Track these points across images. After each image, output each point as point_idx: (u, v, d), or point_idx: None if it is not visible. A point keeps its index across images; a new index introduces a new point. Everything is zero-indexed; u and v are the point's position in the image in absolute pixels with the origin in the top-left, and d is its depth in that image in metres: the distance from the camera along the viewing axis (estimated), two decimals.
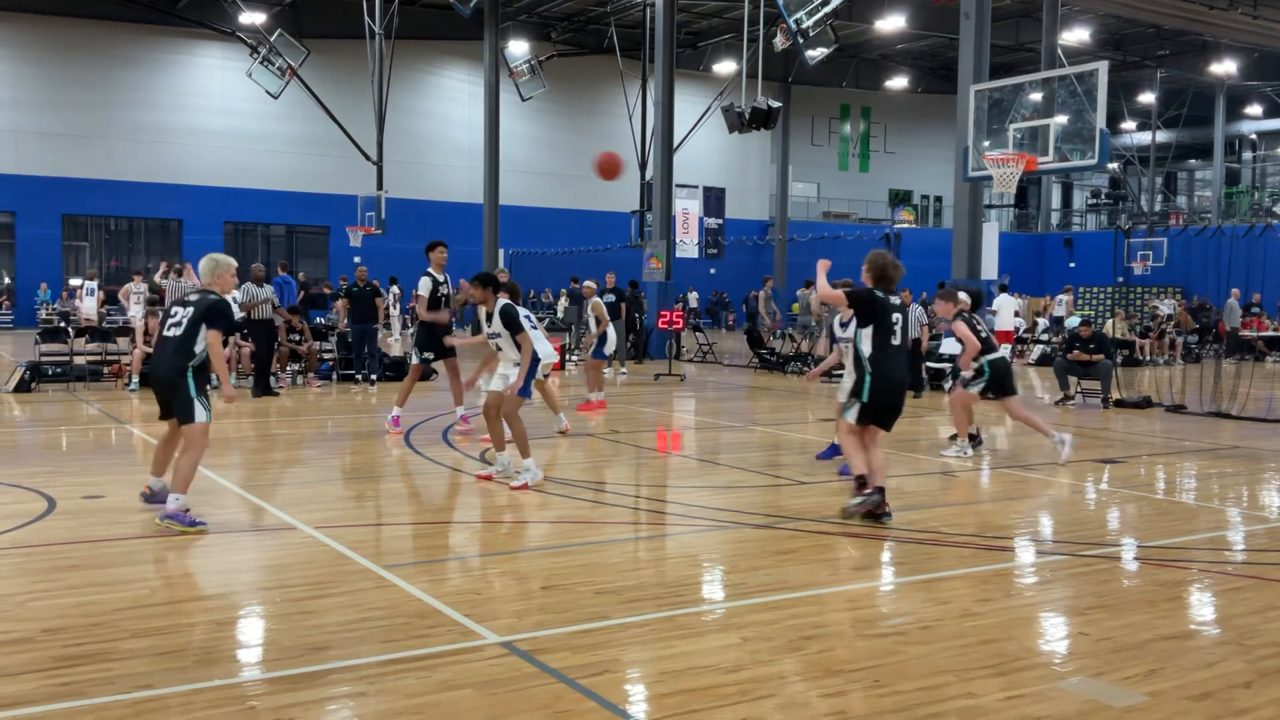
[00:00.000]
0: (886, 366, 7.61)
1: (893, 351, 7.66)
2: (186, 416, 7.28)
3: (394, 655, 4.80)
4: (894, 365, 7.66)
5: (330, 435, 12.67)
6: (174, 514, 7.16)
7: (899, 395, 7.76)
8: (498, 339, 9.20)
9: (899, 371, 7.70)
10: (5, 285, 36.22)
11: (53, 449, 11.27)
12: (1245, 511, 8.75)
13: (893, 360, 7.65)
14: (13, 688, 4.36)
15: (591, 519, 7.96)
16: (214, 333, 7.28)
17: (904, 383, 7.80)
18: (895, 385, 7.68)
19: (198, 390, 7.29)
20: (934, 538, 7.28)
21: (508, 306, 9.08)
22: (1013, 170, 16.17)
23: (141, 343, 16.23)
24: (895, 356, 7.68)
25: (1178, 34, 39.21)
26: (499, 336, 9.17)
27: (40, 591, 5.72)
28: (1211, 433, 13.44)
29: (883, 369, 7.59)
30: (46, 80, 35.64)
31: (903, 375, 7.76)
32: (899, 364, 7.72)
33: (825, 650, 4.97)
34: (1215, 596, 6.08)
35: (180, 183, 37.39)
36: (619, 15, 37.83)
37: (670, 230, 25.92)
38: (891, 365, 7.64)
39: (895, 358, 7.69)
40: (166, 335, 7.39)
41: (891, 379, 7.63)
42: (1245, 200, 50.64)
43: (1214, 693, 4.51)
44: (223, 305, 7.50)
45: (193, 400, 7.25)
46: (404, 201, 36.33)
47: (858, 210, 50.47)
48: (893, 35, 42.01)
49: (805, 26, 23.17)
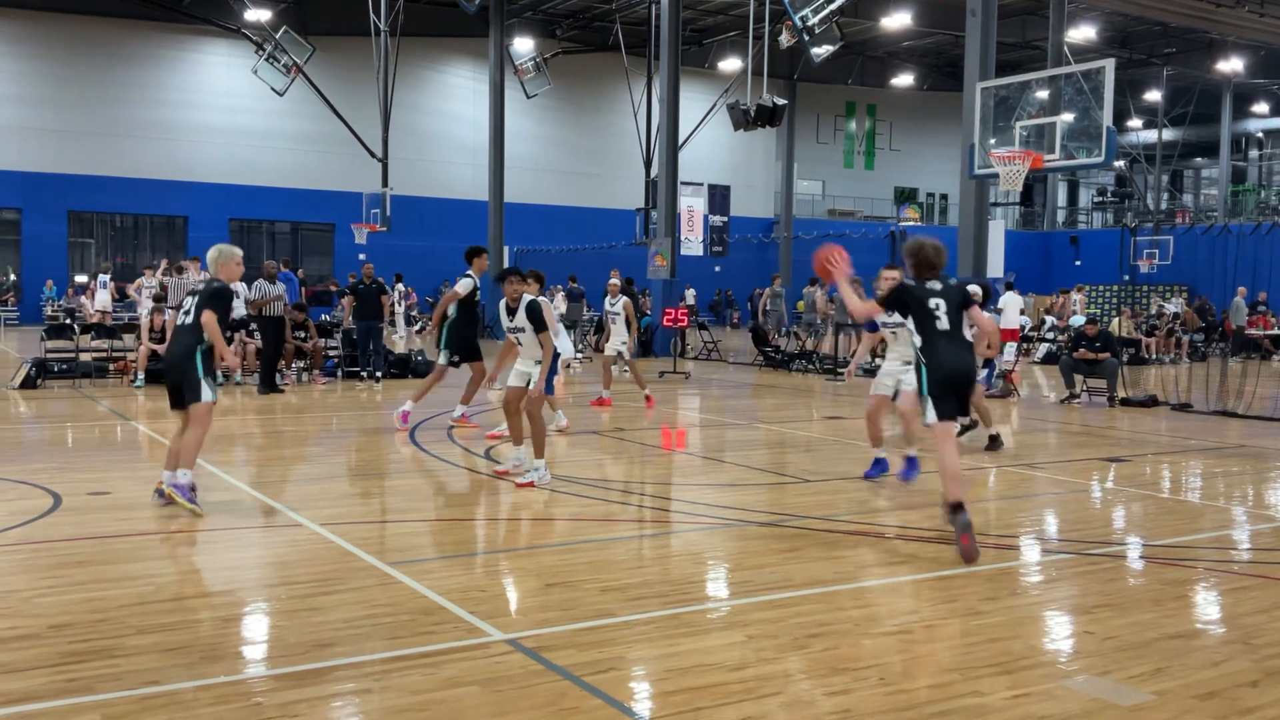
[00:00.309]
0: (937, 356, 7.03)
1: (939, 338, 7.04)
2: (194, 395, 7.73)
3: (399, 652, 4.81)
4: (944, 352, 7.03)
5: (335, 432, 12.68)
6: (181, 487, 7.65)
7: (957, 382, 7.05)
8: (520, 333, 9.17)
9: (951, 357, 7.02)
10: (11, 282, 36.27)
11: (58, 445, 11.29)
12: (1251, 510, 8.73)
13: (941, 347, 7.03)
14: (20, 683, 4.36)
15: (596, 516, 7.96)
16: (208, 313, 7.70)
17: (961, 368, 7.05)
18: (949, 373, 7.00)
19: (205, 371, 7.76)
20: (940, 536, 7.27)
21: (534, 303, 9.07)
22: (1019, 168, 16.13)
23: (147, 339, 16.25)
24: (943, 342, 7.04)
25: (1184, 32, 39.10)
26: (521, 331, 9.14)
27: (46, 588, 5.73)
28: (1217, 431, 13.42)
29: (935, 359, 7.03)
30: (52, 77, 35.68)
31: (956, 360, 7.03)
32: (950, 350, 7.04)
33: (830, 648, 4.97)
34: (1221, 595, 6.07)
35: (186, 179, 37.42)
36: (624, 12, 37.78)
37: (675, 228, 25.90)
38: (942, 352, 7.02)
39: (944, 344, 7.04)
40: (178, 324, 7.91)
41: (945, 367, 7.00)
42: (1251, 198, 50.52)
43: (1220, 692, 4.50)
44: (224, 291, 7.97)
45: (200, 380, 7.73)
46: (409, 199, 36.33)
47: (863, 208, 50.40)
48: (898, 32, 41.93)
49: (811, 24, 23.12)
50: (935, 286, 7.16)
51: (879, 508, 8.27)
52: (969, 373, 7.16)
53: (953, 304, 7.10)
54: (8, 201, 35.82)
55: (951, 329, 7.07)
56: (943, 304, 7.09)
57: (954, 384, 7.06)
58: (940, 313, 7.07)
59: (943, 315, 7.07)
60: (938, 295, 7.12)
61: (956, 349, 7.08)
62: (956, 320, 7.08)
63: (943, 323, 7.06)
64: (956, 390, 7.07)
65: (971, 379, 7.24)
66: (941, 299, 7.10)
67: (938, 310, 7.07)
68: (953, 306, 7.09)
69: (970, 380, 7.22)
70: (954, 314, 7.08)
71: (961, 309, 7.11)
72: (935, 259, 7.24)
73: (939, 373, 7.03)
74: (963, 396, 7.16)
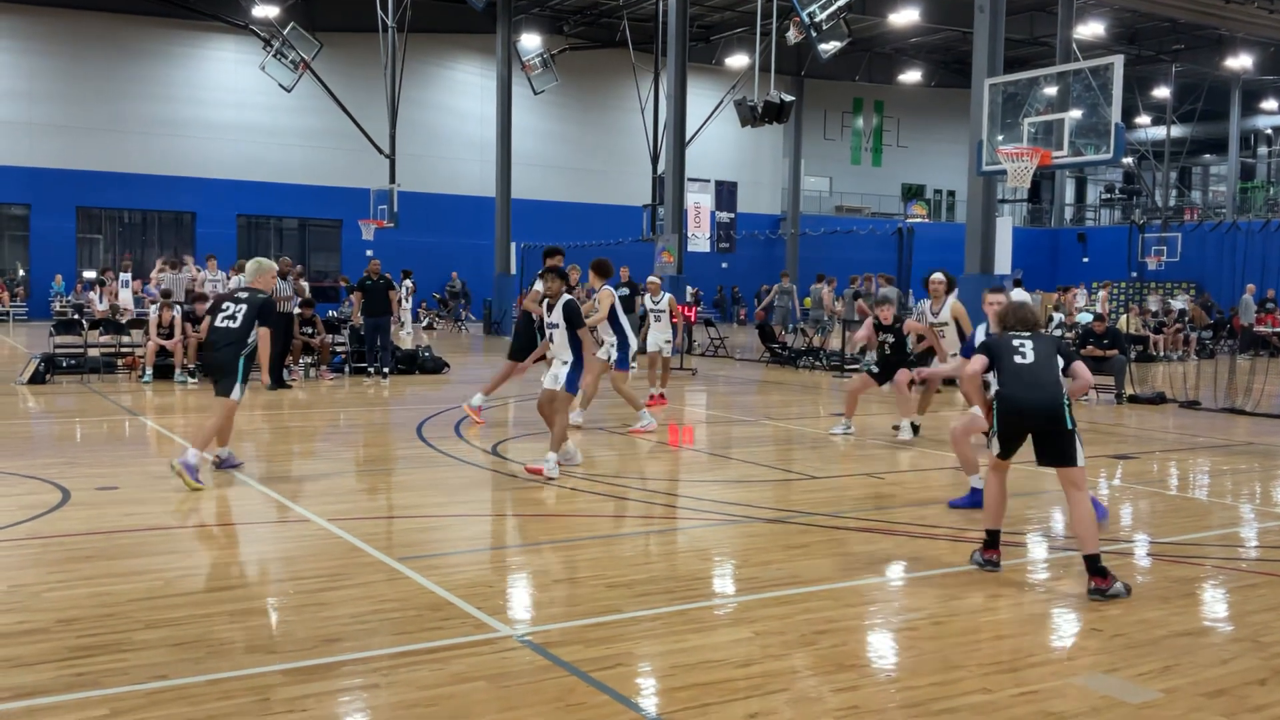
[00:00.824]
0: (1008, 388, 6.22)
1: (1016, 371, 6.23)
2: (226, 391, 8.66)
3: (406, 647, 4.81)
4: (1017, 386, 6.19)
5: (343, 428, 12.69)
6: (190, 466, 8.21)
7: (1025, 419, 6.17)
8: (555, 329, 9.34)
9: (1023, 392, 6.15)
10: (20, 277, 36.36)
11: (67, 440, 11.32)
12: (1259, 508, 8.71)
13: (1015, 380, 6.21)
14: (28, 678, 4.38)
15: (603, 513, 7.97)
16: (264, 330, 8.75)
17: (1029, 404, 6.12)
18: (1018, 408, 6.18)
19: (244, 375, 8.73)
20: (948, 533, 7.27)
21: (570, 302, 9.28)
22: (1026, 165, 16.10)
23: (155, 335, 16.28)
24: (1019, 376, 6.21)
25: (1193, 28, 38.96)
26: (556, 328, 9.32)
27: (55, 582, 5.75)
28: (1225, 429, 13.38)
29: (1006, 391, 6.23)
30: (61, 73, 35.74)
31: (1026, 396, 6.13)
32: (1025, 384, 6.17)
33: (837, 645, 4.96)
34: (1229, 593, 6.06)
35: (193, 175, 37.45)
36: (631, 9, 37.74)
37: (682, 224, 25.88)
38: (1014, 386, 6.20)
39: (1019, 378, 6.20)
40: (220, 326, 8.71)
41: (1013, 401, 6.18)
42: (1260, 195, 50.35)
43: (1229, 689, 4.49)
44: (271, 304, 9.03)
45: (236, 382, 8.66)
46: (416, 195, 36.34)
47: (870, 205, 50.30)
48: (906, 29, 41.84)
49: (818, 20, 23.08)
50: (1018, 343, 6.36)
51: (886, 505, 8.26)
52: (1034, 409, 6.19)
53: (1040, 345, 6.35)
54: (16, 197, 35.89)
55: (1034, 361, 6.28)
56: (1029, 344, 6.34)
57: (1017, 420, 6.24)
58: (1025, 349, 6.33)
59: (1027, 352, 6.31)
60: (1023, 339, 6.38)
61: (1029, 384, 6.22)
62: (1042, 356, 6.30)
63: (1025, 357, 6.29)
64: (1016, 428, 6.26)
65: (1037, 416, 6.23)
66: (1028, 341, 6.36)
67: (1022, 349, 6.33)
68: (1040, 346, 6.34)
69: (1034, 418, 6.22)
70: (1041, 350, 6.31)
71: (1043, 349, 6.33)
72: (1018, 319, 6.56)
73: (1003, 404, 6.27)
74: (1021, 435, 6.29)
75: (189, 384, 15.99)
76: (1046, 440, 6.10)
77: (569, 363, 9.22)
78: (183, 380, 16.10)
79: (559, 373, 9.30)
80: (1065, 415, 6.04)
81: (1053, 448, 6.08)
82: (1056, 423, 6.04)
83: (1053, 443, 6.08)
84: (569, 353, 9.24)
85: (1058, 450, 6.07)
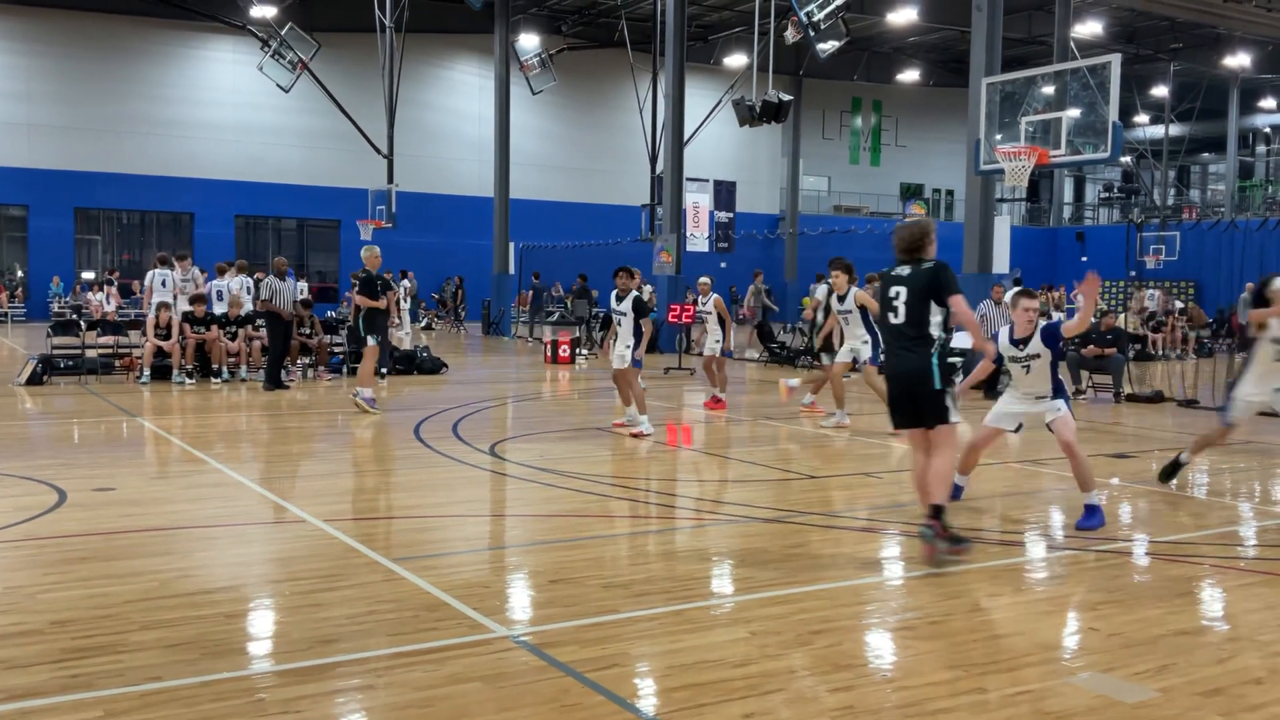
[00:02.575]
0: (886, 351, 6.59)
1: (886, 331, 6.54)
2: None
3: (402, 648, 4.81)
4: (889, 352, 6.55)
5: (340, 428, 12.68)
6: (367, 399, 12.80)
7: (893, 387, 6.56)
8: (622, 317, 11.73)
9: (892, 359, 6.52)
10: (18, 278, 36.34)
11: (64, 442, 11.31)
12: (1257, 507, 8.71)
13: (887, 343, 6.56)
14: (23, 679, 4.37)
15: (600, 513, 7.96)
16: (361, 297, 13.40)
17: (898, 373, 6.49)
18: (890, 376, 6.55)
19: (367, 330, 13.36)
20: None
21: (639, 296, 11.86)
22: (1024, 164, 16.09)
23: (153, 336, 16.27)
24: (889, 339, 6.52)
25: (1191, 27, 38.96)
26: (624, 315, 11.70)
27: (50, 583, 5.74)
28: None
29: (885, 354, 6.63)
30: (59, 74, 35.72)
31: (894, 363, 6.49)
32: (892, 350, 6.51)
33: (834, 645, 4.96)
34: (1227, 592, 6.05)
35: (192, 176, 37.41)
36: (630, 9, 37.72)
37: (681, 224, 25.88)
38: (887, 352, 6.58)
39: (890, 341, 6.52)
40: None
41: (887, 368, 6.59)
42: (1259, 194, 50.35)
43: (1226, 688, 4.49)
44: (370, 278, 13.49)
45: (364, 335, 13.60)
46: (415, 195, 36.31)
47: (869, 204, 50.29)
48: (904, 28, 41.82)
49: (816, 19, 23.06)
50: (900, 273, 6.55)
51: (883, 504, 8.25)
52: (902, 378, 6.53)
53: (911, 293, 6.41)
54: (15, 198, 35.87)
55: (901, 323, 6.46)
56: (903, 291, 6.46)
57: (890, 387, 6.63)
58: (897, 303, 6.46)
59: (898, 306, 6.46)
60: (897, 283, 6.51)
61: (897, 350, 6.52)
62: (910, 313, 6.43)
63: (897, 315, 6.46)
64: (891, 395, 6.61)
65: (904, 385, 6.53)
66: (902, 286, 6.47)
67: (894, 300, 6.48)
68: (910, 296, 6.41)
69: (900, 387, 6.53)
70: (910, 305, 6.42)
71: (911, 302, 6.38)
72: (897, 242, 6.63)
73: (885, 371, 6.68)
74: (894, 405, 6.61)
75: (186, 385, 15.98)
76: (901, 412, 6.55)
77: (630, 345, 11.61)
78: (180, 381, 16.09)
79: (624, 353, 11.62)
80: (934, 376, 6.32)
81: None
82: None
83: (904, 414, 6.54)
84: (630, 337, 11.62)
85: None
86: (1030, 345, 7.49)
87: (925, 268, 6.41)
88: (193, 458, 9.92)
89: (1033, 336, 7.48)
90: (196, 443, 10.75)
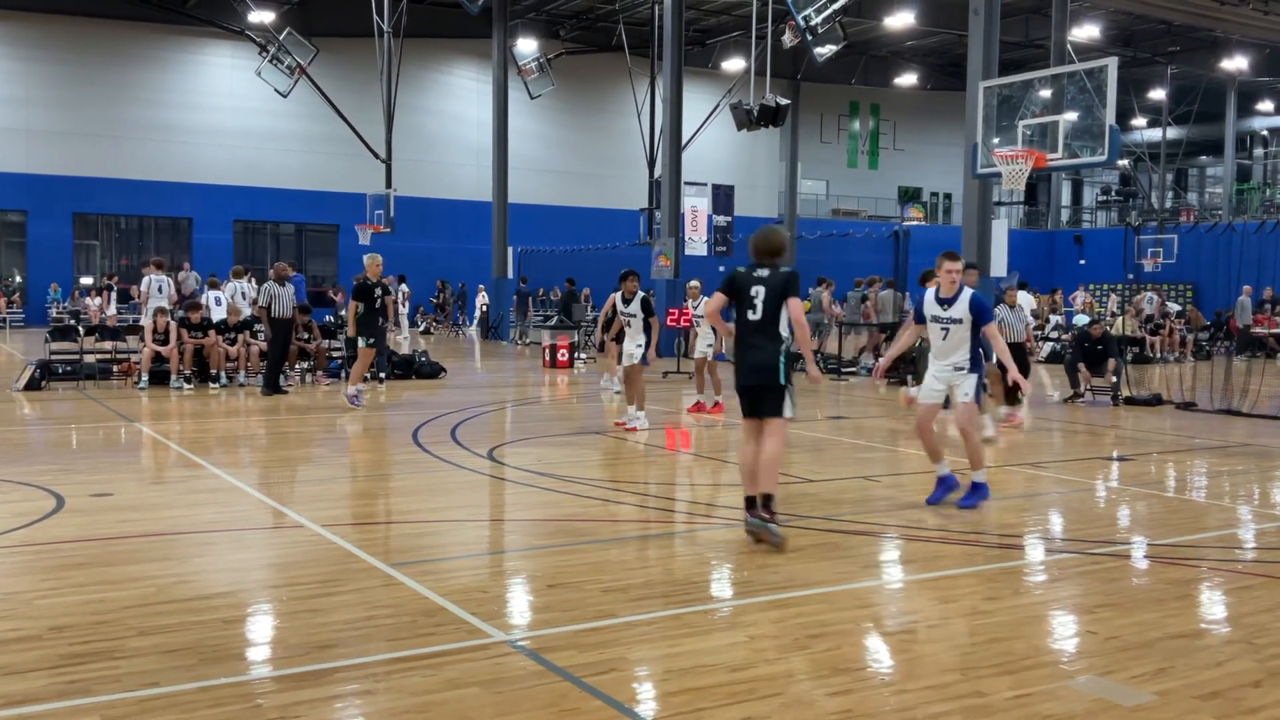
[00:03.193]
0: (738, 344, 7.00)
1: (742, 326, 6.95)
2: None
3: (401, 653, 4.80)
4: (741, 345, 6.96)
5: (338, 433, 12.68)
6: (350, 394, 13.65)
7: (742, 378, 7.00)
8: (632, 318, 12.47)
9: (744, 352, 6.94)
10: (17, 284, 36.33)
11: (62, 447, 11.30)
12: (1256, 509, 8.71)
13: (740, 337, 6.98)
14: (20, 685, 4.36)
15: (599, 517, 7.96)
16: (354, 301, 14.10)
17: (749, 365, 6.91)
18: (740, 368, 7.00)
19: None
20: (941, 536, 7.26)
21: (646, 297, 12.60)
22: (1022, 167, 16.09)
23: (150, 341, 16.27)
24: (744, 333, 6.93)
25: (1188, 30, 39.01)
26: (634, 317, 12.46)
27: (48, 589, 5.73)
28: (1222, 430, 13.38)
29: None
30: (57, 79, 35.72)
31: (746, 356, 6.92)
32: (745, 343, 6.92)
33: (832, 649, 4.96)
34: (1225, 595, 6.05)
35: (190, 181, 37.42)
36: (627, 13, 37.75)
37: (679, 228, 25.89)
38: (739, 345, 6.98)
39: (744, 335, 6.94)
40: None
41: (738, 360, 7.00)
42: (1257, 197, 50.39)
43: (1223, 691, 4.49)
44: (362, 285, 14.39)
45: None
46: (413, 200, 36.31)
47: (867, 207, 50.32)
48: (902, 32, 41.86)
49: (814, 24, 23.09)
50: (759, 274, 6.92)
51: (881, 508, 8.25)
52: (751, 370, 6.93)
53: (768, 295, 6.82)
54: (13, 204, 35.86)
55: (760, 319, 6.85)
56: (761, 290, 6.84)
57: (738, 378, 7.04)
58: (757, 301, 6.85)
59: (757, 304, 6.85)
60: (757, 283, 6.88)
61: (750, 343, 6.90)
62: (765, 311, 6.84)
63: (755, 312, 6.86)
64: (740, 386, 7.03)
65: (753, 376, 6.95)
66: (760, 286, 6.85)
67: (754, 298, 6.86)
68: (768, 297, 6.82)
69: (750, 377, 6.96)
70: (765, 304, 6.83)
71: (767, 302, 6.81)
72: (755, 245, 7.05)
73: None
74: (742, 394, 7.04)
75: (184, 390, 15.97)
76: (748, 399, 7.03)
77: (641, 344, 12.33)
78: (178, 386, 16.08)
79: (633, 351, 12.33)
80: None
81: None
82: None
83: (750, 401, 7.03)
84: (642, 335, 12.35)
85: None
86: (955, 308, 7.84)
87: (783, 271, 6.90)
88: (190, 463, 9.92)
89: (958, 299, 7.82)
90: (194, 448, 10.74)
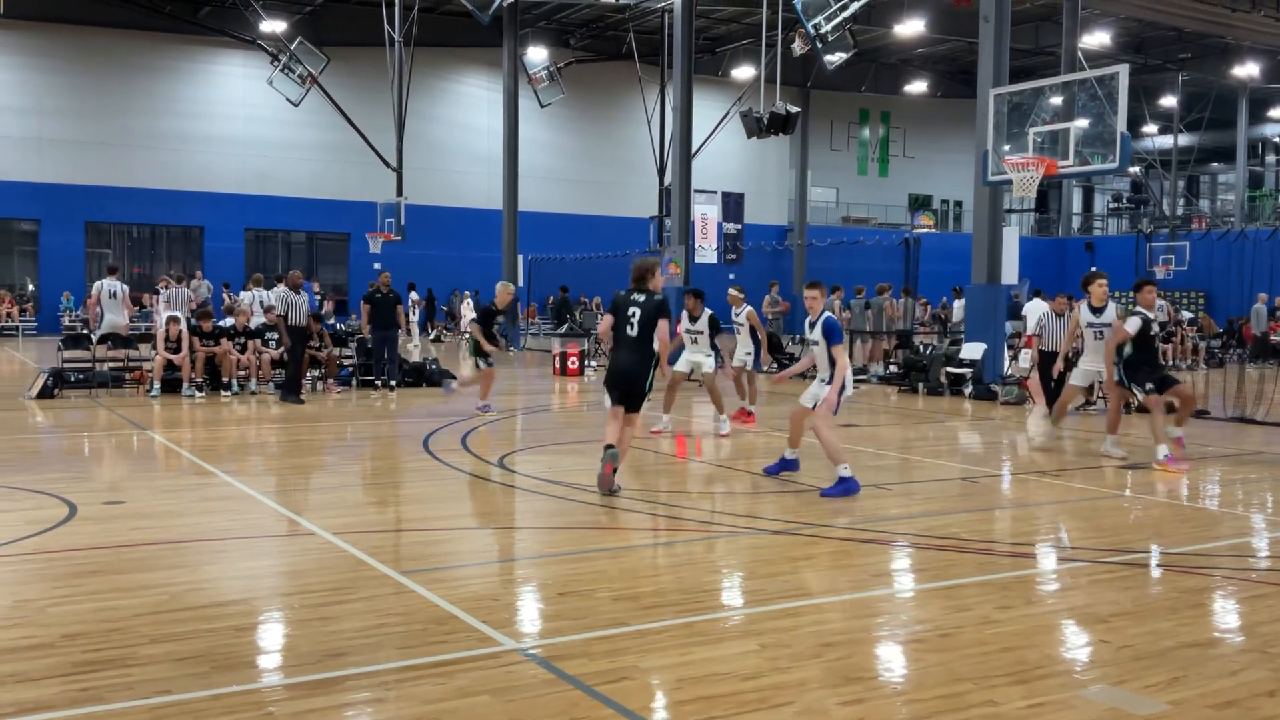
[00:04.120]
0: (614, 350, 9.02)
1: (619, 338, 8.84)
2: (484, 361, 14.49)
3: (412, 661, 4.80)
4: (619, 351, 8.89)
5: (350, 440, 12.70)
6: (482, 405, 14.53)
7: (614, 377, 8.89)
8: (699, 335, 13.13)
9: (620, 356, 8.87)
10: (29, 292, 36.49)
11: (74, 455, 11.34)
12: (1269, 518, 8.66)
13: (618, 345, 8.88)
14: (33, 693, 4.38)
15: (609, 525, 7.95)
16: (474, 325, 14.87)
17: (622, 368, 8.80)
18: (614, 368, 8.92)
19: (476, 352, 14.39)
20: (954, 544, 7.24)
21: (714, 315, 13.15)
22: (1033, 174, 16.07)
23: (163, 349, 16.32)
24: (621, 342, 8.84)
25: (1199, 37, 38.93)
26: (701, 333, 13.10)
27: (60, 597, 5.75)
28: (1235, 438, 13.33)
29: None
30: (70, 89, 35.91)
31: (621, 360, 8.84)
32: (622, 350, 8.83)
33: (844, 657, 4.94)
34: (1238, 604, 6.02)
35: (202, 190, 37.56)
36: (637, 22, 37.82)
37: (689, 235, 25.91)
38: (616, 351, 8.94)
39: (621, 344, 8.84)
40: None
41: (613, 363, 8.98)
42: (1269, 203, 50.22)
43: (1237, 701, 4.46)
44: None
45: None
46: (424, 208, 36.41)
47: (877, 215, 50.28)
48: (912, 40, 41.85)
49: (824, 31, 23.09)
50: (635, 298, 8.85)
51: (892, 516, 8.23)
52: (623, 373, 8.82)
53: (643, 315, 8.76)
54: (26, 212, 36.04)
55: (635, 335, 8.76)
56: (637, 312, 8.76)
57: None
58: (633, 319, 8.74)
59: (634, 323, 8.75)
60: (633, 305, 8.80)
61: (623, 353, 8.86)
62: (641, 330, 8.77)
63: (632, 329, 8.76)
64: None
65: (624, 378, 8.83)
66: (636, 308, 8.77)
67: (632, 317, 8.75)
68: (643, 318, 8.75)
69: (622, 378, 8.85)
70: (641, 323, 8.74)
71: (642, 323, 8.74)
72: (635, 272, 8.96)
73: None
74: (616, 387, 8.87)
75: (196, 398, 16.02)
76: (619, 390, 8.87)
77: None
78: (190, 394, 16.13)
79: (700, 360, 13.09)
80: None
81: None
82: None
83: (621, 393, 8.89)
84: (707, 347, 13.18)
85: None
86: (814, 332, 9.04)
87: (655, 299, 8.78)
88: (202, 470, 9.94)
89: (816, 324, 8.98)
90: (206, 455, 10.77)
